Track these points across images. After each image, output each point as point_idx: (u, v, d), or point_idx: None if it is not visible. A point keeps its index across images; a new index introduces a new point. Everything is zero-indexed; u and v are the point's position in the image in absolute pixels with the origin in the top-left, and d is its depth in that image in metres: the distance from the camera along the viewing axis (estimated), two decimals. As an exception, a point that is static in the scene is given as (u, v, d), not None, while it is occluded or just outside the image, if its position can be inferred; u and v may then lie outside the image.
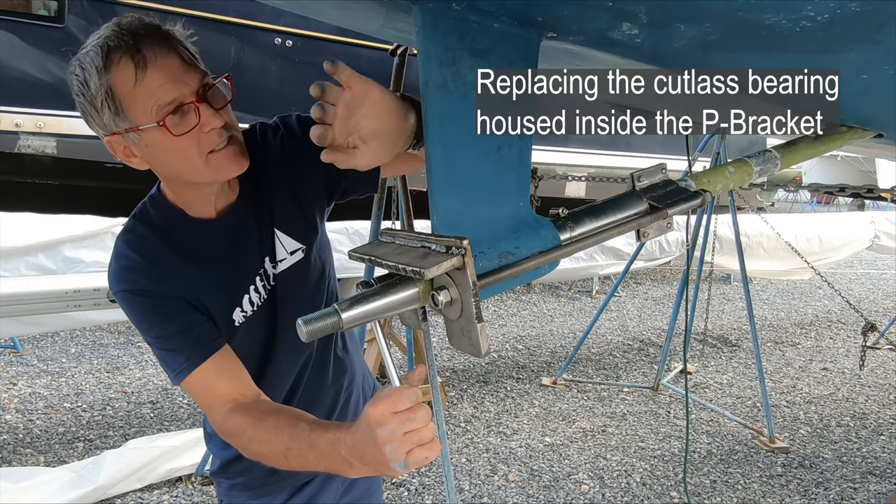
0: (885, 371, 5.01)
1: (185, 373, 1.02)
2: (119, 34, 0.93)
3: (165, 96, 0.92)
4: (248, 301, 1.11)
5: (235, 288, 1.10)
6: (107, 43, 0.92)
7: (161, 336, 1.04)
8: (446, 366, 4.66)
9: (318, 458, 0.88)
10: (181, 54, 0.95)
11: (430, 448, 0.79)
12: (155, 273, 1.03)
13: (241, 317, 1.11)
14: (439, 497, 2.96)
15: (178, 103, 0.93)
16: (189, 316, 1.04)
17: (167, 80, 0.92)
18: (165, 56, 0.93)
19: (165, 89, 0.92)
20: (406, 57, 2.98)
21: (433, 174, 0.79)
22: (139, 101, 0.92)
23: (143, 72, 0.91)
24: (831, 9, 0.66)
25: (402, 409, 0.78)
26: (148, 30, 0.94)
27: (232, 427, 1.00)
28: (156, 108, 0.92)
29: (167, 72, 0.92)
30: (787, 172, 10.35)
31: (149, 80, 0.91)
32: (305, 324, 0.75)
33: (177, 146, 0.95)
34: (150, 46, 0.92)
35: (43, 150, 5.18)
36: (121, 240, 1.07)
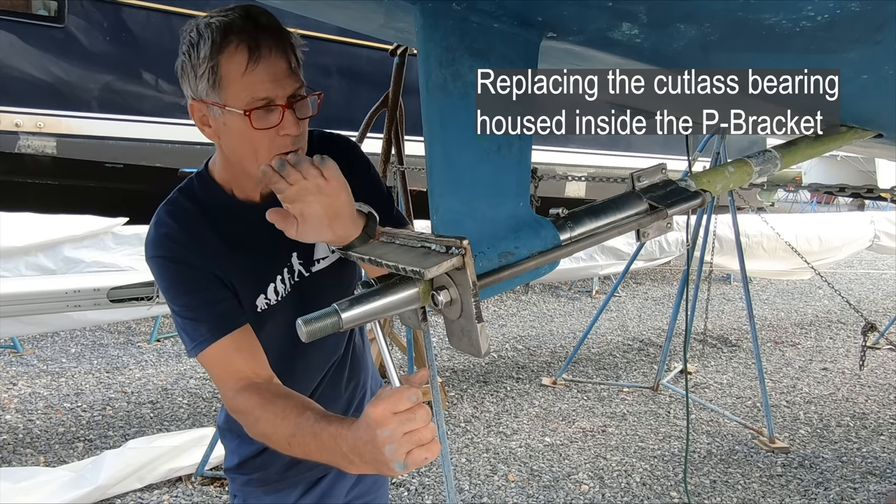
0: (885, 371, 5.01)
1: (205, 344, 1.05)
2: (245, 20, 0.96)
3: (262, 93, 0.96)
4: (273, 290, 1.14)
5: (262, 275, 1.13)
6: (232, 24, 0.96)
7: (188, 305, 1.07)
8: (446, 366, 4.66)
9: (319, 449, 0.89)
10: (289, 59, 0.99)
11: (429, 449, 0.79)
12: (191, 243, 1.06)
13: (265, 303, 1.13)
14: (439, 497, 2.96)
15: (269, 101, 0.97)
16: (217, 290, 1.07)
17: (269, 80, 0.96)
18: (277, 57, 0.97)
19: (265, 87, 0.96)
20: (406, 57, 2.99)
21: (433, 174, 0.79)
22: (238, 87, 0.96)
23: (254, 65, 0.95)
24: (831, 9, 0.66)
25: (402, 410, 0.78)
26: (271, 26, 0.98)
27: (241, 404, 1.02)
28: (249, 99, 0.96)
29: (273, 72, 0.97)
30: (787, 172, 10.36)
31: (255, 74, 0.95)
32: (305, 323, 0.75)
33: (252, 136, 0.98)
34: (267, 43, 0.96)
35: (43, 150, 5.18)
36: (162, 209, 1.10)
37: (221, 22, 0.96)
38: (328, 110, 4.58)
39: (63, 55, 5.10)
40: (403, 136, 3.18)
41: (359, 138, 3.17)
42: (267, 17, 0.99)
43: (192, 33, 0.98)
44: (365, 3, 0.91)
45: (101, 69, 5.24)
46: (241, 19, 0.97)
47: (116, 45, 5.28)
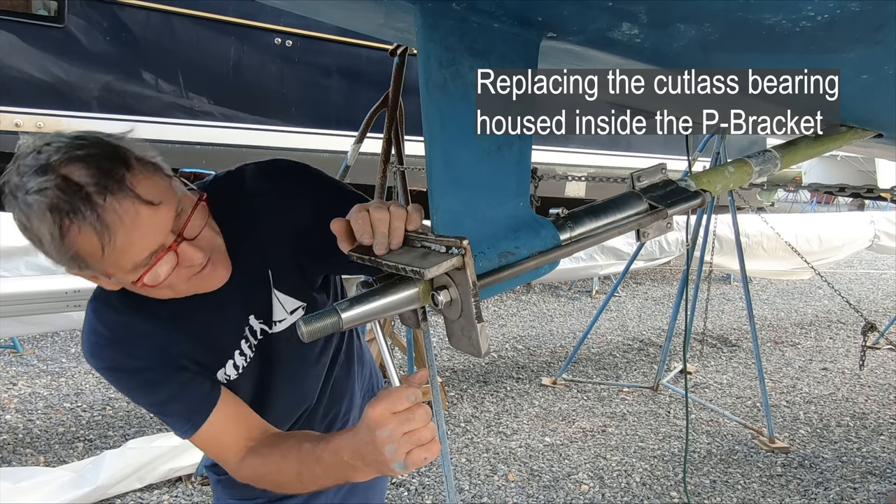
0: (885, 371, 5.01)
1: (188, 433, 1.00)
2: (67, 192, 0.77)
3: (140, 254, 0.83)
4: (233, 365, 1.05)
5: (219, 353, 1.04)
6: (57, 206, 0.77)
7: (154, 404, 1.01)
8: (446, 366, 4.66)
9: (326, 471, 0.89)
10: (147, 196, 0.81)
11: (428, 449, 0.79)
12: (127, 347, 0.97)
13: (225, 378, 1.05)
14: (439, 497, 2.96)
15: (154, 252, 0.83)
16: (176, 380, 0.98)
17: (140, 238, 0.81)
18: (130, 208, 0.79)
19: (140, 247, 0.82)
20: (406, 57, 2.98)
21: (433, 174, 0.79)
22: (111, 263, 0.82)
23: (110, 241, 0.79)
24: (831, 9, 0.66)
25: (401, 410, 0.78)
26: (100, 179, 0.78)
27: (247, 473, 1.00)
28: (131, 266, 0.83)
29: (138, 230, 0.81)
30: (787, 172, 10.36)
31: (119, 246, 0.80)
32: (305, 323, 0.75)
33: (155, 290, 0.88)
34: (110, 206, 0.78)
35: (43, 150, 5.17)
36: (90, 309, 0.99)
37: (42, 203, 0.76)
38: (328, 110, 4.63)
39: (63, 55, 5.10)
40: (403, 136, 3.18)
41: (359, 138, 3.17)
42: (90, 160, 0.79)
43: (15, 212, 0.80)
44: (365, 3, 0.91)
45: (100, 69, 5.24)
46: (65, 194, 0.76)
47: (116, 45, 5.28)
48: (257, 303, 1.04)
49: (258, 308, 1.05)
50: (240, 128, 5.70)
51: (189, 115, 5.54)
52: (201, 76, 5.55)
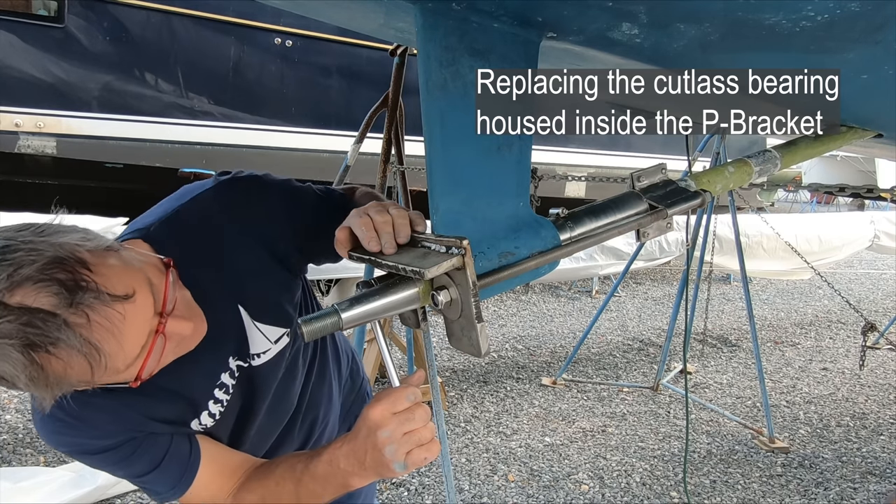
0: (885, 371, 5.01)
1: (174, 497, 0.95)
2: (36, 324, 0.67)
3: (132, 354, 0.76)
4: (208, 414, 0.98)
5: (190, 405, 0.96)
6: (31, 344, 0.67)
7: (133, 476, 0.94)
8: (446, 366, 4.66)
9: (323, 485, 0.87)
10: (121, 291, 0.73)
11: (428, 448, 0.79)
12: (89, 428, 0.88)
13: (201, 427, 0.99)
14: (439, 497, 2.96)
15: (144, 345, 0.77)
16: (152, 449, 0.91)
17: (129, 340, 0.74)
18: (113, 315, 0.71)
19: (130, 348, 0.75)
20: (406, 57, 2.98)
21: (433, 174, 0.79)
22: (100, 377, 0.75)
23: (101, 358, 0.71)
24: (831, 9, 0.66)
25: (401, 410, 0.78)
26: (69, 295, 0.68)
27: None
28: (123, 367, 0.77)
29: (126, 332, 0.73)
30: (787, 172, 10.35)
31: (110, 358, 0.73)
32: (305, 324, 0.75)
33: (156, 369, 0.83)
34: (94, 322, 0.70)
35: (43, 150, 5.18)
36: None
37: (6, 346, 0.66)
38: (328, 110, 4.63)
39: (63, 55, 5.10)
40: (403, 136, 3.18)
41: (359, 138, 3.17)
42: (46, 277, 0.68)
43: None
44: (365, 3, 0.91)
45: (100, 69, 5.24)
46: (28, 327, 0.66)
47: (116, 46, 5.27)
48: (231, 344, 0.97)
49: (233, 349, 0.98)
50: (240, 128, 5.70)
51: (189, 115, 5.54)
52: (201, 76, 5.55)
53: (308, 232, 1.00)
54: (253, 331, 0.98)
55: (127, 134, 5.38)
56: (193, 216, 0.93)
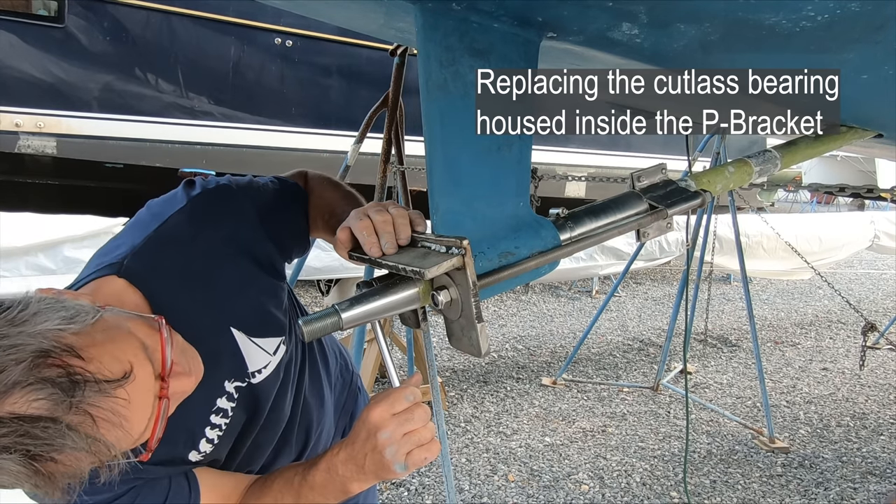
0: (885, 371, 5.01)
1: None
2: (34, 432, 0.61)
3: (139, 432, 0.71)
4: (206, 441, 0.94)
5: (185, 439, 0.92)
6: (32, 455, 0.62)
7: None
8: (446, 366, 4.66)
9: (323, 495, 0.86)
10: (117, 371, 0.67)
11: (428, 449, 0.79)
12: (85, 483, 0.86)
13: (201, 456, 0.95)
14: (439, 497, 2.96)
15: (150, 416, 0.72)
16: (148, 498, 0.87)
17: (134, 423, 0.69)
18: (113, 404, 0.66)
19: (137, 429, 0.71)
20: (406, 57, 2.98)
21: (433, 174, 0.79)
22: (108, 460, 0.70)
23: (107, 449, 0.67)
24: (831, 9, 0.66)
25: (401, 410, 0.78)
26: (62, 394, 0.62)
27: None
28: (131, 445, 0.72)
29: (131, 416, 0.68)
30: (787, 172, 10.35)
31: (120, 447, 0.69)
32: (305, 324, 0.75)
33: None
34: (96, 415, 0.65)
35: (43, 150, 5.18)
36: None
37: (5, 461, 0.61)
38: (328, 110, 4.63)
39: (63, 55, 5.10)
40: (403, 136, 3.18)
41: (359, 138, 3.17)
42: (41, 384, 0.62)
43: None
44: (365, 3, 0.91)
45: (100, 69, 5.24)
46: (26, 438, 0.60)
47: (116, 45, 5.28)
48: (227, 367, 0.93)
49: (229, 372, 0.94)
50: (240, 128, 5.70)
51: (189, 115, 5.54)
52: (201, 76, 5.55)
53: (279, 228, 0.98)
54: (250, 348, 0.95)
55: (127, 134, 5.38)
56: (170, 240, 0.88)
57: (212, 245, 0.90)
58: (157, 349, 0.73)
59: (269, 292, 0.98)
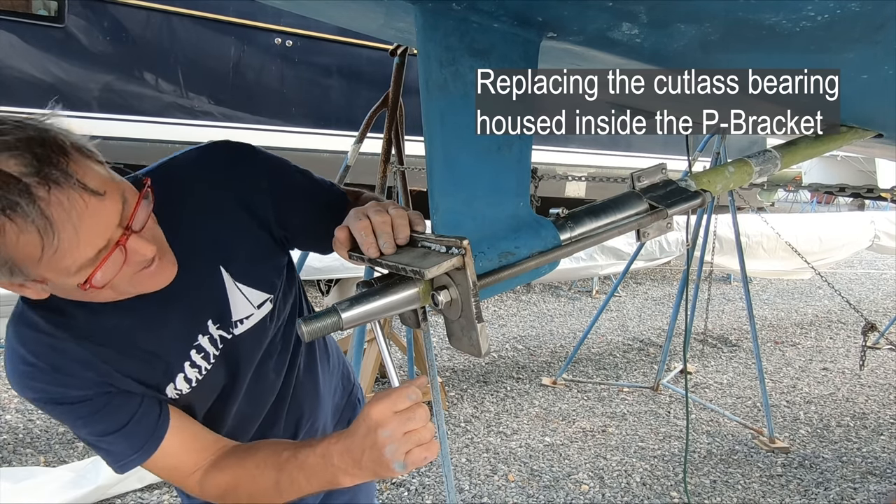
0: (885, 371, 5.01)
1: (133, 465, 0.91)
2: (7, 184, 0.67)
3: (87, 253, 0.73)
4: (184, 379, 0.96)
5: (165, 367, 0.94)
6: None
7: (94, 435, 0.90)
8: (446, 366, 4.66)
9: (308, 478, 0.85)
10: (93, 185, 0.72)
11: (428, 448, 0.79)
12: (61, 376, 0.85)
13: (176, 393, 0.96)
14: (439, 497, 2.96)
15: (102, 249, 0.74)
16: (118, 410, 0.89)
17: (87, 234, 0.72)
18: (77, 200, 0.70)
19: (87, 245, 0.72)
20: (406, 57, 2.98)
21: (433, 174, 0.79)
22: (51, 266, 0.72)
23: (54, 240, 0.69)
24: (831, 9, 0.66)
25: (402, 409, 0.78)
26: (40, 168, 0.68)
27: (213, 491, 0.93)
28: (76, 267, 0.74)
29: (86, 224, 0.71)
30: (787, 172, 10.35)
31: (63, 246, 0.70)
32: (305, 323, 0.75)
33: (99, 292, 0.78)
34: (55, 199, 0.68)
35: (43, 150, 5.18)
36: (11, 333, 0.86)
37: None
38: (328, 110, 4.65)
39: (63, 55, 5.10)
40: (403, 136, 3.18)
41: (359, 138, 3.17)
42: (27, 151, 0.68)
43: None
44: (365, 3, 0.91)
45: (100, 69, 5.24)
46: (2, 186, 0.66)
47: (116, 45, 5.28)
48: (211, 309, 0.95)
49: (213, 314, 0.96)
50: (240, 128, 5.70)
51: (189, 115, 5.54)
52: (201, 76, 5.55)
53: (292, 209, 0.99)
54: (235, 293, 0.96)
55: (127, 134, 5.38)
56: (178, 172, 0.93)
57: (213, 188, 0.94)
58: (132, 203, 0.77)
59: (265, 250, 1.00)
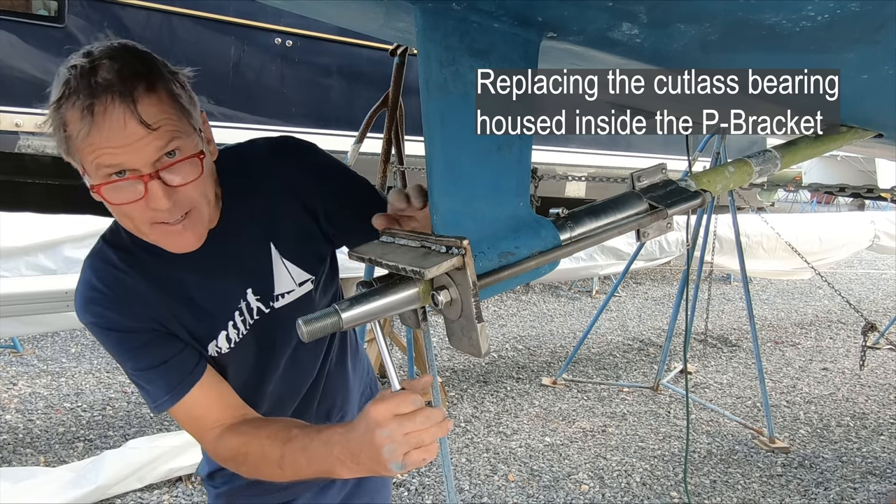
0: (885, 371, 5.01)
1: (164, 406, 0.98)
2: (83, 71, 0.80)
3: (108, 160, 0.81)
4: (226, 337, 1.03)
5: (211, 322, 1.02)
6: (70, 74, 0.81)
7: (138, 370, 0.99)
8: (446, 366, 4.66)
9: (309, 461, 0.87)
10: (145, 116, 0.81)
11: (427, 450, 0.79)
12: (121, 305, 0.95)
13: (216, 350, 1.04)
14: (439, 497, 2.96)
15: (121, 170, 0.82)
16: (162, 348, 0.97)
17: (111, 146, 0.80)
18: (120, 116, 0.79)
19: (108, 153, 0.80)
20: (406, 57, 2.99)
21: (433, 174, 0.79)
22: (84, 151, 0.82)
23: (87, 127, 0.79)
24: (831, 9, 0.66)
25: (404, 412, 0.78)
26: (115, 80, 0.80)
27: (225, 451, 0.98)
28: (95, 166, 0.82)
29: (114, 137, 0.80)
30: (787, 172, 10.35)
31: (92, 138, 0.80)
32: (305, 323, 0.75)
33: (117, 209, 0.86)
34: (108, 97, 0.79)
35: (43, 150, 5.18)
36: (87, 265, 0.98)
37: (68, 72, 0.81)
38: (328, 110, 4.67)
39: (63, 55, 5.10)
40: (403, 136, 3.18)
41: (359, 138, 3.17)
42: (122, 63, 0.81)
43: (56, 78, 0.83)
44: (365, 3, 0.91)
45: (101, 69, 5.23)
46: (80, 69, 0.80)
47: (116, 45, 5.27)
48: (256, 278, 1.03)
49: (257, 284, 1.04)
50: (240, 128, 5.70)
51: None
52: (201, 76, 5.54)
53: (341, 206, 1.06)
54: (280, 268, 1.04)
55: (127, 134, 5.37)
56: (251, 154, 1.04)
57: (274, 177, 1.02)
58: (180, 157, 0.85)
59: (313, 237, 1.07)
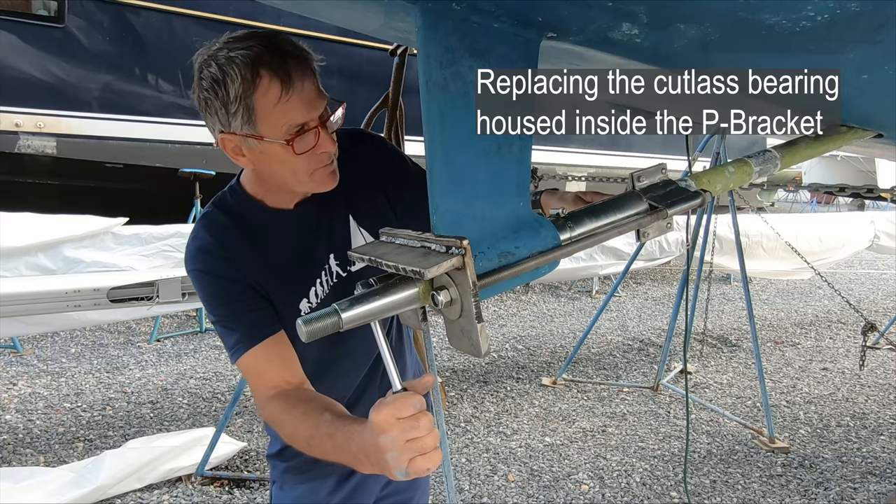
0: (885, 371, 5.01)
1: (238, 353, 1.09)
2: (272, 52, 0.98)
3: (298, 119, 1.00)
4: (315, 293, 1.18)
5: (303, 280, 1.17)
6: (260, 58, 0.97)
7: (223, 315, 1.11)
8: (446, 366, 4.66)
9: (334, 449, 0.91)
10: (316, 81, 1.02)
11: (430, 458, 0.78)
12: (225, 256, 1.10)
13: (308, 307, 1.17)
14: (439, 497, 2.96)
15: (304, 126, 1.01)
16: (250, 300, 1.10)
17: (303, 105, 1.00)
18: (306, 82, 1.00)
19: (300, 113, 1.00)
20: (406, 57, 2.98)
21: (433, 174, 0.79)
22: (274, 117, 0.99)
23: (287, 94, 0.98)
24: (831, 9, 0.66)
25: (406, 416, 0.78)
26: (295, 52, 1.00)
27: (269, 413, 1.07)
28: (286, 128, 1.00)
29: (305, 99, 1.00)
30: (787, 172, 10.36)
31: (291, 103, 0.98)
32: (305, 323, 0.75)
33: (291, 161, 1.02)
34: (297, 70, 0.99)
35: (43, 150, 5.19)
36: (199, 223, 1.14)
37: (247, 56, 0.97)
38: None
39: (63, 55, 5.10)
40: (403, 136, 3.17)
41: (359, 138, 3.16)
42: (291, 44, 1.01)
43: (211, 69, 1.00)
44: (365, 3, 0.91)
45: (101, 69, 5.24)
46: (267, 52, 0.98)
47: (116, 45, 5.28)
48: (338, 245, 1.18)
49: (338, 250, 1.18)
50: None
51: (189, 115, 5.54)
52: (201, 76, 5.54)
53: (405, 188, 1.20)
54: (357, 236, 1.19)
55: (127, 134, 5.38)
56: (346, 139, 1.15)
57: (355, 162, 1.16)
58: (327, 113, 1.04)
59: (386, 216, 1.20)
